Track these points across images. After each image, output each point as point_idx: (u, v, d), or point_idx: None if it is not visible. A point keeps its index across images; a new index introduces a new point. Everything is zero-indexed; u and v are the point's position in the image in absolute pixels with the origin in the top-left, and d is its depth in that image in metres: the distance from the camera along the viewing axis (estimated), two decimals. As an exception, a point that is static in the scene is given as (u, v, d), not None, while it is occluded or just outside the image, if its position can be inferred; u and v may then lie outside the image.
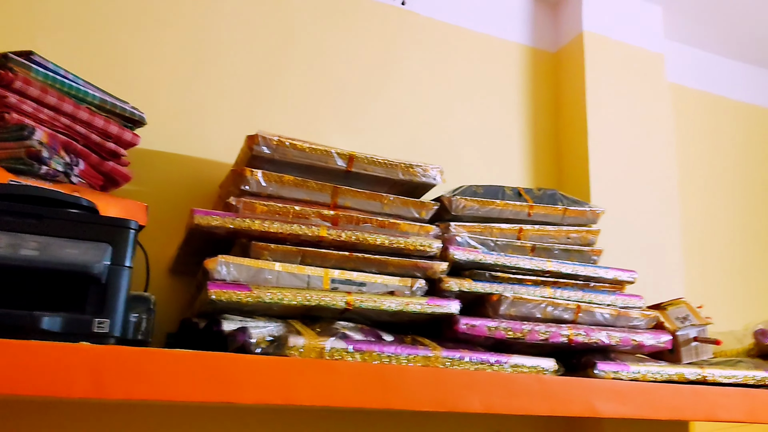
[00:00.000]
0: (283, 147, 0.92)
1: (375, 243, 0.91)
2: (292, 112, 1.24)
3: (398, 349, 0.82)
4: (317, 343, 0.78)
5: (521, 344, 0.95)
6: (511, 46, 1.51)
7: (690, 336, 1.08)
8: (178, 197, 1.09)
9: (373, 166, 0.97)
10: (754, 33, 1.74)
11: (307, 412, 1.06)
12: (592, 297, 1.04)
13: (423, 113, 1.38)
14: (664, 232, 1.44)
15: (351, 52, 1.34)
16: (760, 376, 1.05)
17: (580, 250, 1.11)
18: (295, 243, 0.88)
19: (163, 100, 1.14)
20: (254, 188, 0.90)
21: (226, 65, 1.21)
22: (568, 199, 1.13)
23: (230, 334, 0.77)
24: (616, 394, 0.90)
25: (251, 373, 0.70)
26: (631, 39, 1.54)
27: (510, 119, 1.47)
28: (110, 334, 0.71)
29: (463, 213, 1.05)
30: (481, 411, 0.80)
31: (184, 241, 0.93)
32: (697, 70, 1.79)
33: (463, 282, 0.96)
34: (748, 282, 1.70)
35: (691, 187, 1.68)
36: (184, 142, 1.13)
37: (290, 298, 0.82)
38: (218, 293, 0.79)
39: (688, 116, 1.73)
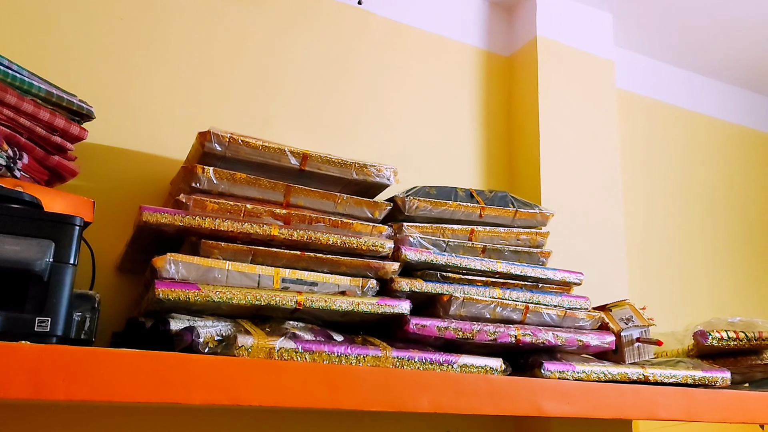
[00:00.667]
0: (235, 144, 0.91)
1: (327, 242, 0.91)
2: (245, 110, 1.23)
3: (348, 349, 0.83)
4: (266, 342, 0.78)
5: (470, 344, 0.96)
6: (466, 49, 1.53)
7: (633, 337, 1.12)
8: (127, 194, 1.06)
9: (327, 165, 0.97)
10: (701, 43, 1.80)
11: (256, 413, 1.05)
12: (540, 298, 1.06)
13: (378, 113, 1.38)
14: (609, 235, 1.48)
15: (306, 50, 1.33)
16: (699, 375, 1.09)
17: (530, 251, 1.13)
18: (246, 242, 0.88)
19: (113, 94, 1.11)
20: (205, 186, 0.89)
21: (179, 60, 1.19)
22: (518, 202, 1.15)
23: (177, 334, 0.77)
24: (561, 393, 0.92)
25: (198, 373, 0.69)
26: (583, 45, 1.57)
27: (464, 121, 1.49)
28: (52, 333, 0.69)
29: (416, 213, 1.06)
30: (429, 411, 0.81)
31: (132, 239, 0.91)
32: (645, 78, 1.85)
33: (414, 282, 0.97)
34: (689, 284, 1.76)
35: (636, 191, 1.73)
36: (134, 137, 1.10)
37: (240, 297, 0.82)
38: (166, 292, 0.78)
39: (634, 121, 1.78)
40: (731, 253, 1.86)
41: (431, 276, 1.00)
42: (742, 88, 2.04)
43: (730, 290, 1.83)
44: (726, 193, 1.91)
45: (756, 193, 1.97)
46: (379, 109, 1.39)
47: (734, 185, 1.94)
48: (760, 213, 1.96)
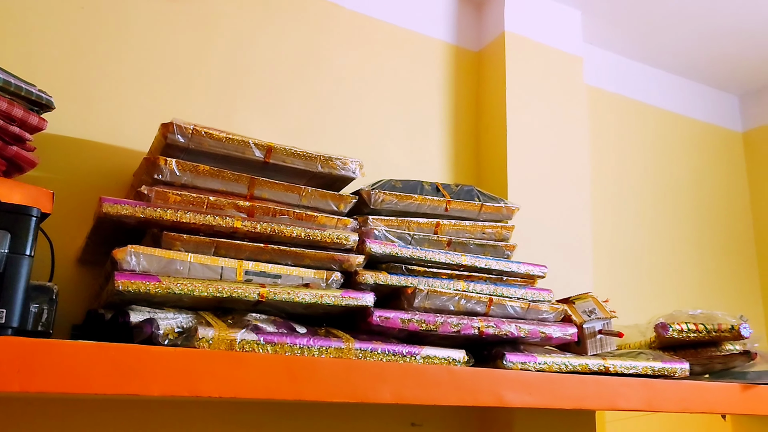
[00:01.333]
0: (198, 136, 0.90)
1: (291, 235, 0.92)
2: (211, 102, 1.22)
3: (310, 341, 0.83)
4: (227, 334, 0.78)
5: (434, 336, 0.97)
6: (434, 44, 1.54)
7: (595, 329, 1.14)
8: (89, 186, 1.05)
9: (292, 157, 0.97)
10: (669, 40, 1.83)
11: (217, 405, 1.05)
12: (504, 290, 1.07)
13: (345, 106, 1.38)
14: (575, 230, 1.50)
15: (274, 42, 1.33)
16: (659, 366, 1.11)
17: (495, 245, 1.14)
18: (209, 234, 0.87)
19: (73, 84, 1.09)
20: (168, 177, 0.89)
21: (143, 50, 1.18)
22: (484, 195, 1.16)
23: (137, 326, 0.76)
24: (522, 384, 0.93)
25: (157, 365, 0.69)
26: (552, 41, 1.59)
27: (431, 115, 1.49)
28: (7, 325, 0.68)
29: (382, 207, 1.07)
30: (391, 402, 0.82)
31: (92, 231, 0.90)
32: (613, 74, 1.87)
33: (378, 275, 0.98)
34: (654, 278, 1.80)
35: (603, 187, 1.75)
36: (95, 128, 1.09)
37: (201, 289, 0.82)
38: (125, 283, 0.77)
39: (603, 118, 1.81)
40: (696, 248, 1.90)
41: (396, 269, 1.01)
42: (709, 86, 2.08)
43: (695, 284, 1.87)
44: (692, 189, 1.95)
45: (721, 189, 2.01)
46: (346, 102, 1.39)
47: (700, 181, 1.97)
48: (725, 209, 2.00)
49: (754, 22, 1.74)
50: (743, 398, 1.17)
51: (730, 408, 1.16)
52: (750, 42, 1.82)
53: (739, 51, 1.87)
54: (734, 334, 1.19)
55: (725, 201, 2.01)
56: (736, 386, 1.17)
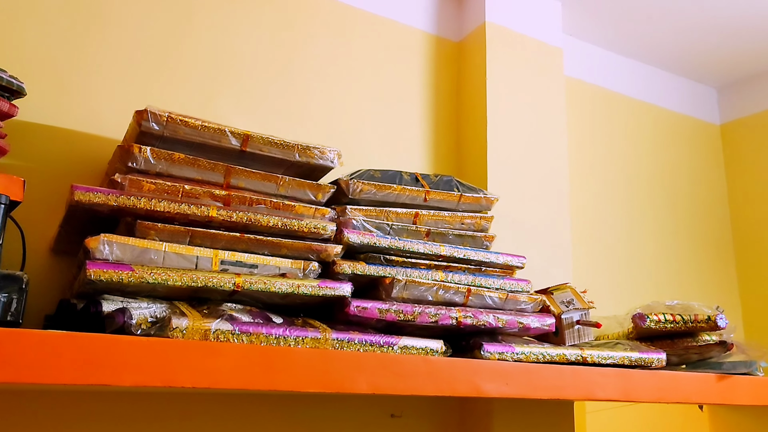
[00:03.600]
0: (173, 124, 0.89)
1: (268, 224, 0.91)
2: (188, 91, 1.21)
3: (286, 331, 0.82)
4: (202, 324, 0.77)
5: (412, 326, 0.97)
6: (415, 33, 1.53)
7: (573, 319, 1.14)
8: (62, 174, 1.03)
9: (269, 146, 0.96)
10: (648, 33, 1.84)
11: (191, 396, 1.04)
12: (482, 281, 1.07)
13: (324, 95, 1.37)
14: (554, 221, 1.50)
15: (252, 30, 1.31)
16: (635, 356, 1.12)
17: (474, 235, 1.14)
18: (184, 223, 0.86)
19: (46, 70, 1.07)
20: (142, 165, 0.87)
21: (118, 36, 1.16)
22: (463, 186, 1.16)
23: (109, 315, 0.75)
24: (500, 374, 0.93)
25: (129, 355, 0.68)
26: (532, 32, 1.59)
27: (412, 105, 1.49)
28: (-26, 315, 0.67)
29: (360, 197, 1.06)
30: (368, 392, 0.82)
31: (65, 219, 0.89)
32: (593, 66, 1.88)
33: (356, 265, 0.97)
34: (632, 269, 1.81)
35: (582, 178, 1.76)
36: (69, 115, 1.07)
37: (175, 278, 0.81)
38: (97, 272, 0.76)
39: (582, 109, 1.81)
40: (674, 239, 1.92)
41: (374, 259, 1.01)
42: (688, 78, 2.10)
43: (672, 275, 1.88)
44: (670, 180, 1.96)
45: (699, 181, 2.03)
46: (326, 92, 1.38)
47: (678, 173, 1.99)
48: (702, 200, 2.02)
49: (733, 15, 1.75)
50: (719, 388, 1.18)
51: (706, 398, 1.17)
52: (729, 35, 1.84)
53: (718, 43, 1.89)
54: (710, 325, 1.20)
55: (703, 193, 2.03)
56: (712, 376, 1.18)
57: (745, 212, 2.04)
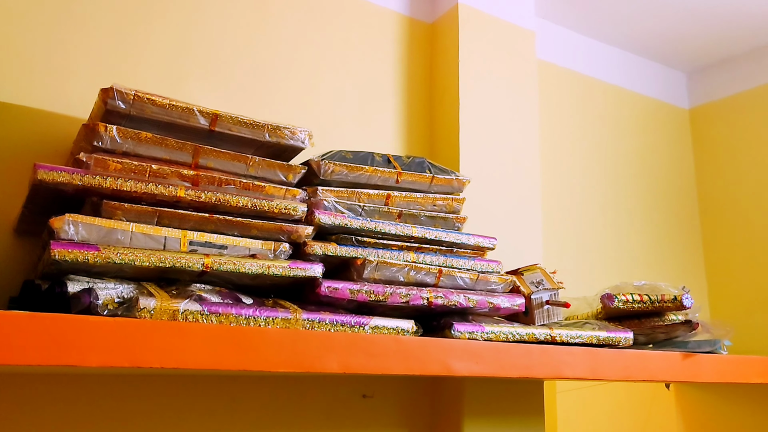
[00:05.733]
0: (140, 102, 0.87)
1: (237, 205, 0.90)
2: (157, 69, 1.18)
3: (257, 312, 0.82)
4: (170, 305, 0.76)
5: (383, 307, 0.97)
6: (388, 14, 1.52)
7: (543, 299, 1.15)
8: (25, 153, 1.01)
9: (238, 126, 0.94)
10: (620, 16, 1.85)
11: (161, 378, 1.03)
12: (454, 262, 1.08)
13: (296, 76, 1.36)
14: (525, 202, 1.51)
15: (222, 9, 1.29)
16: (603, 336, 1.14)
17: (446, 217, 1.15)
18: (152, 203, 0.85)
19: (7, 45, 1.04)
20: (108, 145, 0.86)
21: (84, 12, 1.12)
22: (436, 168, 1.16)
23: (74, 296, 0.74)
24: (470, 353, 0.94)
25: (96, 336, 0.68)
26: (505, 15, 1.59)
27: (384, 86, 1.48)
28: (-67, 296, 0.66)
29: (332, 178, 1.05)
30: (339, 371, 0.82)
31: (28, 199, 0.87)
32: (565, 49, 1.89)
33: (327, 246, 0.97)
34: (603, 251, 1.84)
35: (553, 160, 1.78)
36: (32, 93, 1.04)
37: (143, 259, 0.80)
38: (62, 253, 0.75)
39: (553, 92, 1.82)
40: (643, 221, 1.95)
41: (346, 240, 1.01)
42: (659, 63, 2.12)
43: (641, 257, 1.92)
44: (640, 164, 1.99)
45: (668, 164, 2.06)
46: (298, 72, 1.36)
47: (648, 156, 2.02)
48: (671, 183, 2.06)
49: (703, 1, 1.77)
50: (684, 366, 1.21)
51: (672, 376, 1.20)
52: (698, 19, 1.86)
53: (688, 28, 1.91)
54: (677, 305, 1.23)
55: (672, 176, 2.06)
56: (677, 355, 1.21)
57: (713, 195, 2.08)
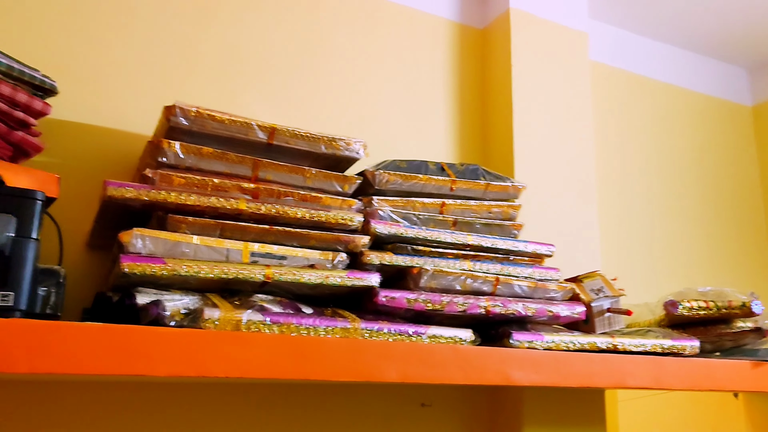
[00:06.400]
0: (201, 118, 0.90)
1: (296, 216, 0.92)
2: (215, 85, 1.22)
3: (316, 321, 0.83)
4: (233, 315, 0.78)
5: (440, 316, 0.97)
6: (438, 21, 1.52)
7: (603, 307, 1.13)
8: (95, 170, 1.05)
9: (295, 139, 0.96)
10: (674, 14, 1.80)
11: (224, 386, 1.06)
12: (511, 270, 1.07)
13: (348, 87, 1.38)
14: (582, 208, 1.49)
15: (275, 24, 1.32)
16: (667, 344, 1.10)
17: (501, 224, 1.14)
18: (214, 216, 0.88)
19: (77, 68, 1.09)
20: (172, 160, 0.89)
21: (146, 33, 1.17)
22: (490, 174, 1.16)
23: (143, 307, 0.77)
24: (529, 362, 0.93)
25: (164, 346, 0.70)
26: (557, 17, 1.57)
27: (436, 94, 1.48)
28: (15, 308, 0.69)
29: (387, 187, 1.06)
30: (397, 381, 0.83)
31: (99, 214, 0.91)
32: (619, 49, 1.85)
33: (384, 255, 0.98)
34: (663, 256, 1.78)
35: (610, 164, 1.74)
36: (100, 112, 1.09)
37: (207, 271, 0.82)
38: (131, 266, 0.78)
39: (608, 94, 1.79)
40: (705, 224, 1.88)
41: (401, 249, 1.01)
42: (715, 59, 2.05)
43: (704, 261, 1.85)
44: (700, 164, 1.92)
45: (728, 163, 1.99)
46: (350, 83, 1.38)
47: (707, 156, 1.95)
48: (734, 184, 1.98)
49: (765, -5, 1.71)
50: (754, 375, 1.16)
51: (740, 385, 1.16)
52: (759, 14, 1.79)
53: (748, 23, 1.84)
54: (745, 311, 1.19)
55: (734, 176, 1.99)
56: (746, 363, 1.16)
57: (780, 195, 2.00)
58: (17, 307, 0.69)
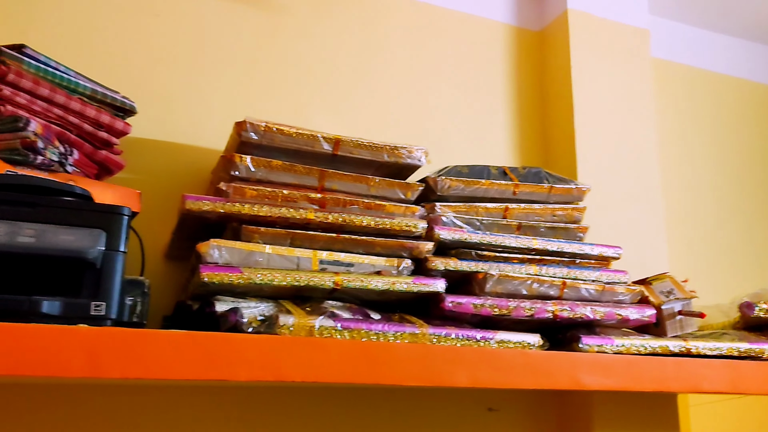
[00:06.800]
0: (270, 132, 0.94)
1: (361, 224, 0.94)
2: (279, 98, 1.26)
3: (385, 327, 0.85)
4: (307, 321, 0.81)
5: (507, 321, 0.97)
6: (494, 26, 1.52)
7: (675, 310, 1.11)
8: (172, 184, 1.11)
9: (359, 149, 0.99)
10: (736, 5, 1.74)
11: (298, 389, 1.09)
12: (578, 273, 1.06)
13: (408, 95, 1.39)
14: (648, 208, 1.46)
15: (335, 36, 1.35)
16: (744, 347, 1.07)
17: (566, 227, 1.13)
18: (284, 226, 0.91)
19: (152, 89, 1.15)
20: (244, 173, 0.93)
21: (214, 53, 1.23)
22: (553, 177, 1.15)
23: (222, 315, 0.80)
24: (600, 367, 0.93)
25: (243, 352, 0.73)
26: (617, 16, 1.54)
27: (495, 99, 1.48)
28: (106, 317, 0.73)
29: (449, 193, 1.07)
30: (467, 385, 0.83)
31: (177, 227, 0.96)
32: (681, 45, 1.80)
33: (448, 261, 0.99)
34: (733, 256, 1.72)
35: (675, 162, 1.70)
36: (174, 129, 1.15)
37: (280, 279, 0.85)
38: (210, 276, 0.82)
39: (672, 91, 1.74)
40: (778, 222, 1.81)
41: (466, 254, 1.02)
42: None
43: (779, 261, 1.78)
44: (770, 159, 1.85)
45: (805, 159, 1.91)
46: (409, 91, 1.40)
47: (780, 152, 1.87)
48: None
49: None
50: (839, 379, 1.11)
51: (824, 389, 1.11)
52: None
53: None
54: (826, 312, 1.14)
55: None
56: (829, 366, 1.11)
57: None
58: (108, 316, 0.74)
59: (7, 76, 0.85)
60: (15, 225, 0.71)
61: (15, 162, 0.84)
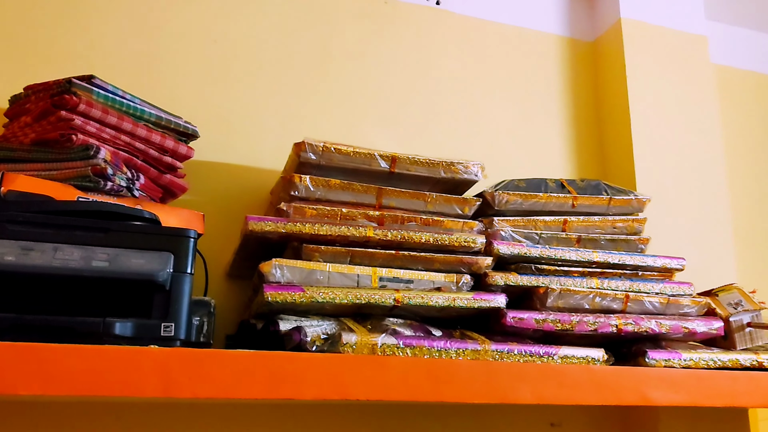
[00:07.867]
0: (328, 152, 0.95)
1: (420, 241, 0.94)
2: (335, 117, 1.28)
3: (447, 344, 0.85)
4: (369, 339, 0.81)
5: (570, 335, 0.96)
6: (547, 38, 1.51)
7: (744, 322, 1.07)
8: (232, 205, 1.14)
9: (415, 165, 0.99)
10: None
11: (360, 406, 1.09)
12: (641, 286, 1.04)
13: (463, 110, 1.40)
14: (713, 218, 1.42)
15: (389, 54, 1.37)
16: (820, 360, 1.02)
17: (627, 239, 1.11)
18: (344, 244, 0.92)
19: (213, 113, 1.19)
20: (303, 193, 0.94)
21: (269, 76, 1.26)
22: (612, 189, 1.13)
23: (287, 334, 0.81)
24: (668, 382, 0.90)
25: (308, 370, 0.74)
26: (672, 23, 1.51)
27: (550, 111, 1.47)
28: (176, 337, 0.75)
29: (507, 207, 1.07)
30: (532, 402, 0.82)
31: (240, 247, 0.98)
32: (742, 50, 1.75)
33: (508, 276, 0.98)
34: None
35: (740, 169, 1.64)
36: (234, 152, 1.18)
37: (341, 297, 0.86)
38: (273, 295, 0.83)
39: (735, 97, 1.69)
40: None
41: (525, 269, 1.01)
42: None
43: None
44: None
45: None
46: (464, 106, 1.40)
47: None
48: None
49: None
50: None
51: None
52: None
53: None
54: None
55: None
56: None
57: None
58: (177, 336, 0.75)
59: (78, 106, 0.88)
60: (89, 250, 0.73)
61: (86, 188, 0.87)
